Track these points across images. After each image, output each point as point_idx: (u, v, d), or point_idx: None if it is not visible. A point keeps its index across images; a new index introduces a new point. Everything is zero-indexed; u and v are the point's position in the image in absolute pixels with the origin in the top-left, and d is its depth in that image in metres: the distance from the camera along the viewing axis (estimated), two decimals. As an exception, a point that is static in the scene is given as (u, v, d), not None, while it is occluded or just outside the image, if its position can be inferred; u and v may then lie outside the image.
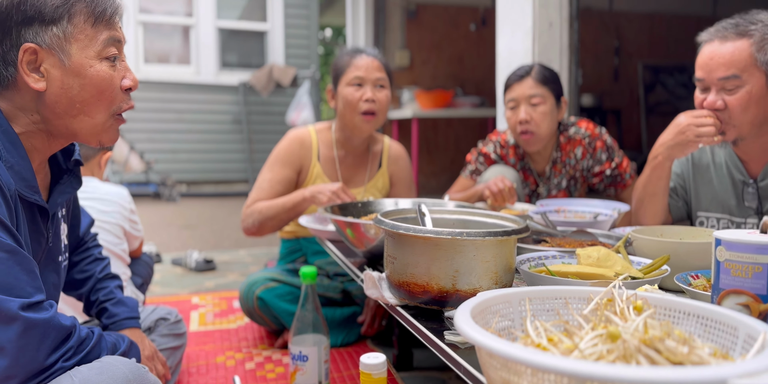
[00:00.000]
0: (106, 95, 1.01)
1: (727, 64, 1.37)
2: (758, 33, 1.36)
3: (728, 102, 1.40)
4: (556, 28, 2.91)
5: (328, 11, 8.20)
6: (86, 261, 1.33)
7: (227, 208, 5.35)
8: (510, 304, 0.78)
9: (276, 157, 1.95)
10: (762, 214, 1.51)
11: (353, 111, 1.87)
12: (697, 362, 0.60)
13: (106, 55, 1.00)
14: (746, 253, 0.81)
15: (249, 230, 1.83)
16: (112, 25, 1.01)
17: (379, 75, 1.88)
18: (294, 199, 1.76)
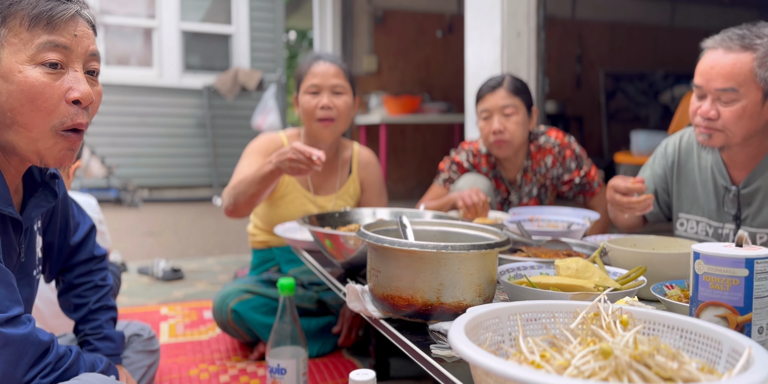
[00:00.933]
0: (39, 105, 0.91)
1: (727, 76, 1.38)
2: (762, 48, 1.36)
3: (722, 113, 1.41)
4: (524, 38, 2.96)
5: (293, 14, 8.17)
6: (85, 287, 1.29)
7: (192, 214, 5.26)
8: (500, 319, 0.78)
9: (251, 150, 1.95)
10: (740, 220, 1.56)
11: (311, 118, 1.89)
12: (686, 378, 0.62)
13: (41, 61, 0.91)
14: (724, 267, 0.84)
15: (227, 209, 1.78)
16: (56, 29, 0.93)
17: (335, 81, 1.89)
18: (262, 172, 1.66)
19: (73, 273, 1.32)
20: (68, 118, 0.94)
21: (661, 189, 1.74)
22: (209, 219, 4.92)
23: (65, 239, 1.28)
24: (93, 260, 1.35)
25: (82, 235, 1.33)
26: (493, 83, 2.05)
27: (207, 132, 6.63)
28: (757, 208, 1.53)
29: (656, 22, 6.74)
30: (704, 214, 1.62)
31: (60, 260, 1.30)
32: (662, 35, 6.78)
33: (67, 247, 1.30)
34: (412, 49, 5.77)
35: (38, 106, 0.92)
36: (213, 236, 4.05)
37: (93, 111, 1.01)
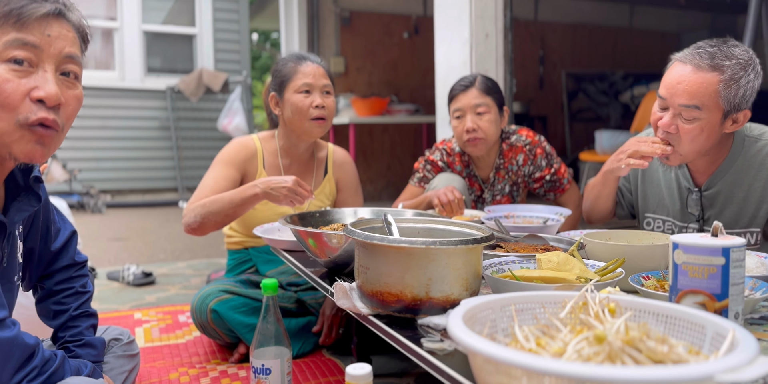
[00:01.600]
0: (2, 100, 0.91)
1: (692, 94, 1.40)
2: (729, 71, 1.39)
3: (681, 129, 1.45)
4: (492, 39, 3.01)
5: (258, 15, 8.11)
6: (66, 293, 1.27)
7: (157, 218, 5.18)
8: (492, 310, 0.81)
9: (221, 159, 1.92)
10: (703, 220, 1.62)
11: (303, 117, 1.87)
12: (676, 360, 0.65)
13: (6, 58, 0.91)
14: (702, 256, 0.88)
15: (190, 226, 1.73)
16: (25, 27, 0.92)
17: (325, 82, 1.90)
18: (243, 195, 1.66)
19: (53, 279, 1.30)
20: (32, 113, 0.93)
21: (626, 189, 1.80)
22: (176, 223, 4.85)
23: (46, 245, 1.26)
24: (74, 266, 1.33)
25: (63, 241, 1.31)
26: (465, 83, 2.09)
27: (171, 135, 6.53)
28: (719, 210, 1.59)
29: (616, 23, 6.92)
30: (669, 214, 1.68)
31: (40, 266, 1.28)
32: (621, 36, 6.96)
33: (47, 253, 1.28)
34: (379, 51, 5.80)
35: (1, 103, 0.91)
36: (181, 240, 4.00)
37: (68, 114, 1.00)
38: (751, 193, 1.53)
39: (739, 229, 1.56)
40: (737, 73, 1.39)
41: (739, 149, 1.54)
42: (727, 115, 1.43)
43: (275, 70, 1.96)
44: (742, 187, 1.54)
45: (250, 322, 1.72)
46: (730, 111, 1.42)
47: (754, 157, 1.53)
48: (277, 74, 1.94)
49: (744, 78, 1.39)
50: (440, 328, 1.01)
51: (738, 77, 1.39)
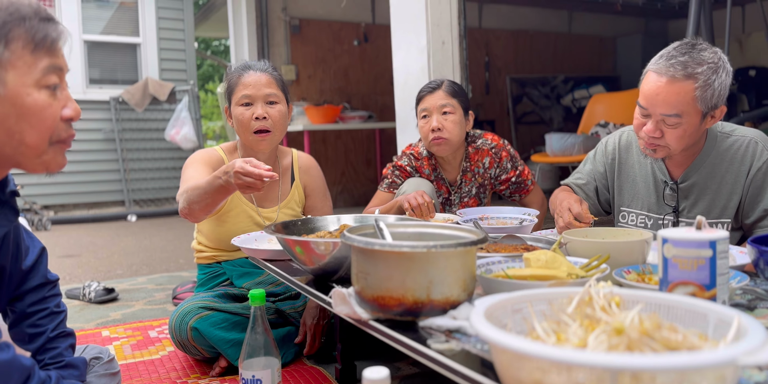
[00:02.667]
0: (47, 124, 0.95)
1: (672, 104, 1.49)
2: (703, 77, 1.47)
3: (666, 133, 1.54)
4: (448, 46, 3.08)
5: (202, 24, 7.99)
6: (40, 314, 1.22)
7: (107, 233, 5.01)
8: (504, 309, 0.84)
9: (194, 160, 1.88)
10: (678, 212, 1.71)
11: (246, 131, 1.86)
12: (691, 347, 0.69)
13: (45, 84, 0.94)
14: (691, 249, 0.93)
15: (182, 212, 1.70)
16: (54, 52, 0.96)
17: (268, 91, 1.86)
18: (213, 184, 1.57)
19: (24, 301, 1.25)
20: (64, 131, 0.98)
21: (601, 185, 1.88)
22: (128, 237, 4.72)
23: (17, 263, 1.22)
24: (46, 286, 1.28)
25: (34, 259, 1.27)
26: (432, 85, 2.16)
27: (116, 146, 6.34)
28: (694, 201, 1.69)
29: (556, 29, 7.16)
30: (644, 208, 1.76)
31: (11, 287, 1.23)
32: (561, 42, 7.21)
33: (18, 272, 1.23)
34: (329, 58, 5.81)
35: (45, 127, 0.95)
36: (137, 255, 3.89)
37: None
38: (723, 185, 1.64)
39: (711, 220, 1.66)
40: (710, 77, 1.47)
41: (713, 144, 1.65)
42: (705, 115, 1.53)
43: (226, 80, 1.94)
44: (714, 179, 1.64)
45: (231, 338, 1.69)
46: (708, 110, 1.52)
47: (726, 152, 1.64)
48: (227, 85, 1.93)
49: (717, 80, 1.48)
50: (443, 330, 1.03)
51: (711, 81, 1.48)
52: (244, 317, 1.73)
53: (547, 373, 0.65)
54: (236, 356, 1.68)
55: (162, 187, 6.60)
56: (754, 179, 1.61)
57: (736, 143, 1.64)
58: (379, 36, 6.00)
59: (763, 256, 1.17)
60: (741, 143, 1.63)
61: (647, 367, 0.58)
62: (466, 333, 1.00)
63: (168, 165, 6.63)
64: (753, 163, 1.61)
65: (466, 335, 1.00)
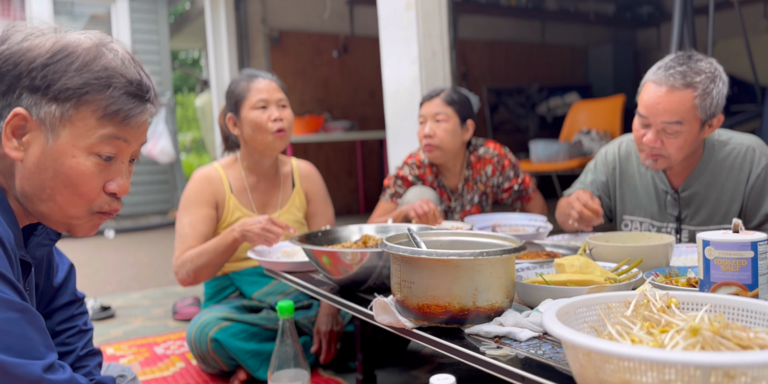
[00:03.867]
0: (82, 192, 0.91)
1: (672, 112, 1.53)
2: (701, 85, 1.52)
3: (666, 143, 1.57)
4: (439, 57, 3.12)
5: (175, 35, 7.91)
6: (69, 333, 1.19)
7: (87, 249, 4.91)
8: (568, 314, 0.85)
9: (188, 201, 1.91)
10: (680, 220, 1.75)
11: (264, 132, 1.90)
12: (763, 345, 0.72)
13: (97, 151, 0.90)
14: (733, 250, 0.97)
15: (185, 281, 1.80)
16: (125, 126, 0.91)
17: (280, 96, 1.94)
18: (225, 242, 1.74)
19: (53, 320, 1.23)
20: (106, 204, 0.94)
21: (604, 195, 1.91)
22: (111, 253, 4.62)
23: (48, 280, 1.20)
24: (74, 303, 1.26)
25: (63, 276, 1.25)
26: (432, 93, 2.22)
27: (91, 161, 6.22)
28: (695, 209, 1.73)
29: (529, 39, 7.29)
30: (647, 215, 1.80)
31: (41, 304, 1.21)
32: (535, 51, 7.35)
33: (50, 289, 1.21)
34: (309, 70, 5.81)
35: (80, 193, 0.91)
36: (125, 271, 3.82)
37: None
38: (723, 192, 1.68)
39: (713, 226, 1.70)
40: (708, 86, 1.53)
41: (711, 153, 1.69)
42: (704, 123, 1.57)
43: (228, 91, 1.97)
44: (715, 187, 1.69)
45: (251, 349, 1.69)
46: (707, 119, 1.56)
47: (724, 160, 1.68)
48: (231, 95, 1.96)
49: (714, 89, 1.54)
50: (492, 336, 1.04)
51: (710, 90, 1.53)
52: (261, 328, 1.73)
53: (635, 373, 0.67)
54: (256, 367, 1.68)
55: (139, 201, 6.49)
56: (754, 186, 1.66)
57: (734, 151, 1.68)
58: (359, 47, 6.03)
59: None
60: (738, 151, 1.68)
61: (741, 364, 0.60)
62: (515, 338, 1.02)
63: (145, 179, 6.53)
64: (752, 170, 1.66)
65: (515, 341, 1.01)
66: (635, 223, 1.82)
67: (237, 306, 1.84)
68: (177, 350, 2.10)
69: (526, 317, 1.06)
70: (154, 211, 6.53)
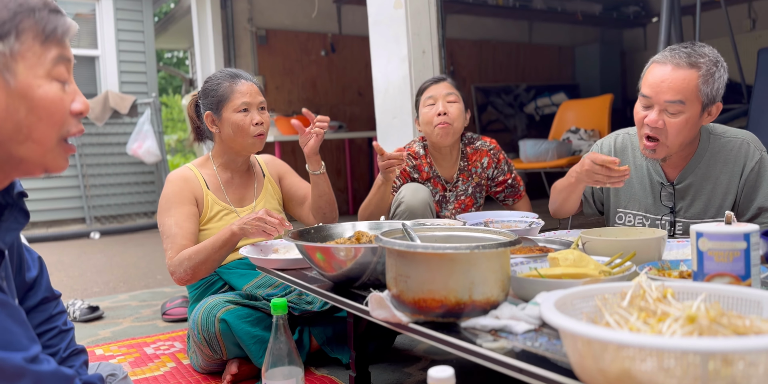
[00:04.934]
0: (56, 119, 0.89)
1: (677, 90, 1.54)
2: (705, 67, 1.55)
3: (668, 123, 1.58)
4: (429, 55, 3.12)
5: (161, 35, 7.86)
6: (50, 335, 1.16)
7: (72, 251, 4.86)
8: (565, 305, 0.86)
9: (168, 202, 1.92)
10: (675, 212, 1.77)
11: (245, 135, 1.95)
12: (759, 331, 0.73)
13: (56, 76, 0.89)
14: (726, 242, 0.98)
15: (183, 279, 1.80)
16: (63, 43, 0.91)
17: (260, 98, 2.00)
18: (223, 237, 1.76)
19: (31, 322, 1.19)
20: (73, 126, 0.93)
21: (598, 189, 1.93)
22: (97, 255, 4.58)
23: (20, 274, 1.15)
24: (51, 302, 1.21)
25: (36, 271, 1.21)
26: (437, 78, 2.27)
27: (75, 162, 6.16)
28: (690, 201, 1.75)
29: (517, 39, 7.33)
30: (641, 208, 1.81)
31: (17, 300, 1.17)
32: (523, 51, 7.39)
33: (23, 285, 1.17)
34: (297, 69, 5.80)
35: (54, 121, 0.89)
36: (111, 272, 3.78)
37: None
38: (717, 185, 1.70)
39: (708, 219, 1.72)
40: (711, 68, 1.55)
41: (706, 145, 1.71)
42: (705, 108, 1.59)
43: (209, 88, 1.98)
44: (710, 180, 1.71)
45: (257, 333, 1.70)
46: (708, 104, 1.58)
47: (719, 153, 1.70)
48: (212, 93, 1.97)
49: (717, 73, 1.56)
50: (488, 329, 1.04)
51: (712, 72, 1.55)
52: (265, 314, 1.73)
53: (635, 361, 0.67)
54: (259, 354, 1.69)
55: (124, 202, 6.44)
56: (747, 179, 1.68)
57: (729, 144, 1.70)
58: (346, 46, 6.03)
59: (775, 248, 1.23)
60: (733, 144, 1.70)
61: (739, 350, 0.61)
62: (511, 331, 1.02)
63: (130, 180, 6.48)
64: (746, 164, 1.68)
65: (512, 333, 1.02)
66: (629, 216, 1.84)
67: (241, 294, 1.86)
68: (167, 350, 2.08)
69: (522, 310, 1.06)
70: (140, 213, 6.48)
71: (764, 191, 1.67)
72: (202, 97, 2.00)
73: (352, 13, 5.98)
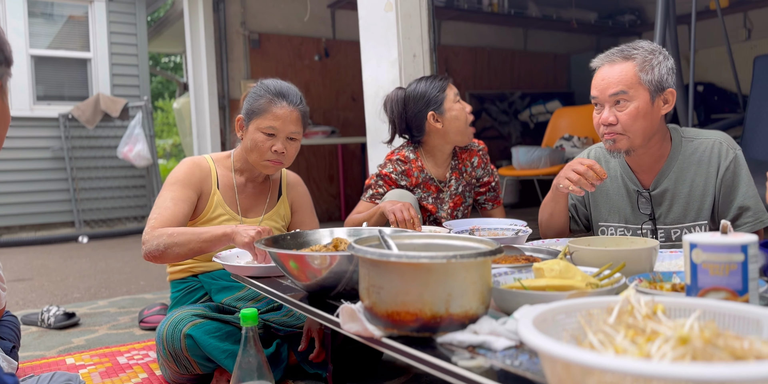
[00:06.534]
0: None
1: (616, 82, 1.58)
2: (640, 56, 1.58)
3: (619, 117, 1.60)
4: (419, 59, 3.06)
5: (155, 39, 7.80)
6: None
7: (58, 255, 4.77)
8: (546, 321, 0.78)
9: (175, 179, 1.82)
10: (655, 219, 1.71)
11: (260, 157, 1.83)
12: (759, 355, 0.65)
13: None
14: (723, 254, 0.90)
15: (151, 253, 1.64)
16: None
17: (294, 129, 1.84)
18: (213, 232, 1.61)
19: None
20: None
21: (579, 202, 1.87)
22: (82, 259, 4.49)
23: None
24: None
25: None
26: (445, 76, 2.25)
27: (65, 165, 6.08)
28: (668, 207, 1.70)
29: (512, 46, 7.29)
30: (621, 220, 1.77)
31: None
32: (518, 59, 7.34)
33: None
34: (290, 73, 5.74)
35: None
36: (94, 277, 3.69)
37: None
38: (694, 188, 1.67)
39: (688, 223, 1.67)
40: (647, 57, 1.58)
41: (678, 149, 1.69)
42: (654, 95, 1.58)
43: (252, 93, 1.87)
44: (685, 183, 1.68)
45: (227, 348, 1.60)
46: (656, 91, 1.58)
47: (692, 156, 1.68)
48: (250, 100, 1.86)
49: (655, 59, 1.58)
50: (465, 345, 0.97)
51: (650, 60, 1.58)
52: (236, 328, 1.64)
53: (619, 388, 0.60)
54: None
55: (114, 206, 6.36)
56: (724, 179, 1.65)
57: (701, 146, 1.68)
58: (340, 51, 5.97)
59: (774, 260, 1.16)
60: (706, 145, 1.68)
61: (738, 378, 0.54)
62: (490, 348, 0.95)
63: (120, 184, 6.40)
64: (720, 163, 1.66)
65: (490, 350, 0.94)
66: (611, 229, 1.79)
67: (210, 306, 1.77)
68: (141, 360, 2.00)
69: (502, 325, 0.99)
70: (130, 217, 6.39)
71: (743, 190, 1.65)
72: (245, 101, 1.89)
73: (347, 18, 5.93)
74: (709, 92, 6.04)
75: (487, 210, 2.36)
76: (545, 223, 1.86)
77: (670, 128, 1.72)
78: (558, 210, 1.80)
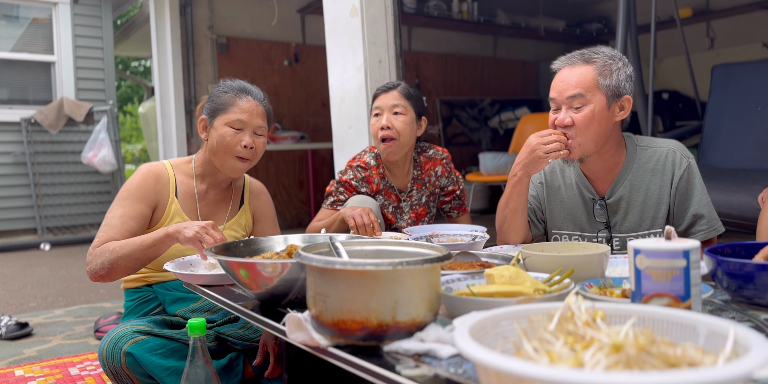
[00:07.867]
0: None
1: (575, 85, 1.59)
2: (600, 61, 1.60)
3: (575, 119, 1.60)
4: (385, 65, 3.06)
5: (121, 42, 7.68)
6: None
7: (18, 263, 4.64)
8: (485, 329, 0.77)
9: (128, 192, 1.77)
10: (611, 227, 1.72)
11: (228, 153, 1.79)
12: (692, 363, 0.65)
13: None
14: (665, 259, 0.91)
15: (97, 273, 1.60)
16: None
17: (261, 122, 1.83)
18: (154, 236, 1.58)
19: None
20: None
21: (538, 209, 1.87)
22: (42, 267, 4.37)
23: None
24: None
25: None
26: (389, 85, 2.18)
27: (27, 170, 5.93)
28: (624, 215, 1.71)
29: (481, 53, 7.35)
30: (576, 228, 1.77)
31: None
32: (487, 66, 7.40)
33: None
34: (258, 78, 5.69)
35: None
36: (53, 286, 3.60)
37: None
38: (648, 196, 1.68)
39: (644, 231, 1.68)
40: (607, 62, 1.59)
41: (632, 157, 1.70)
42: (610, 100, 1.59)
43: (213, 93, 1.86)
44: (640, 191, 1.69)
45: (170, 365, 1.55)
46: (613, 96, 1.59)
47: (646, 164, 1.69)
48: (213, 99, 1.84)
49: (614, 65, 1.60)
50: (411, 354, 0.95)
51: (609, 65, 1.59)
52: (182, 344, 1.59)
53: (549, 397, 0.59)
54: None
55: (78, 213, 6.22)
56: (678, 187, 1.67)
57: (656, 154, 1.70)
58: (310, 56, 5.95)
59: (720, 266, 1.17)
60: (660, 154, 1.70)
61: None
62: (436, 356, 0.93)
63: (85, 189, 6.27)
64: (675, 172, 1.68)
65: (436, 359, 0.93)
66: (565, 237, 1.79)
67: (157, 320, 1.71)
68: (93, 371, 1.95)
69: (449, 332, 0.98)
70: (94, 223, 6.26)
71: (696, 198, 1.67)
72: (206, 100, 1.87)
73: (317, 23, 5.91)
74: (674, 100, 6.17)
75: (453, 218, 2.35)
76: (507, 223, 1.76)
77: (625, 136, 1.73)
78: (522, 203, 1.73)
